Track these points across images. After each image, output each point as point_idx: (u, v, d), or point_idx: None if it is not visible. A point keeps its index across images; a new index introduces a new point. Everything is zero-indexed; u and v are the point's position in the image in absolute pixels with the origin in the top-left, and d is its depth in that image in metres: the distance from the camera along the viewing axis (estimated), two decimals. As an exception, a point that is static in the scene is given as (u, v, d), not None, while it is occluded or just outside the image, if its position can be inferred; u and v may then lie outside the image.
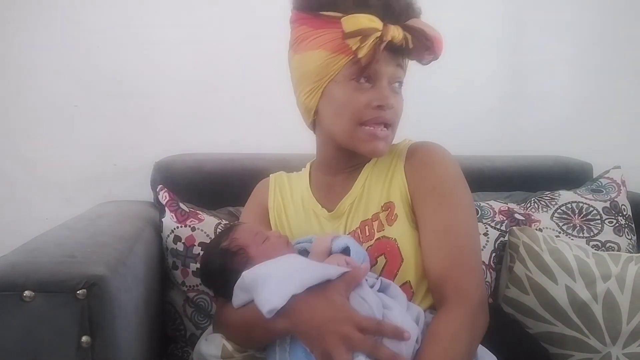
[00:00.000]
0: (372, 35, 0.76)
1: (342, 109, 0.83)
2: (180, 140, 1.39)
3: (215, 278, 0.86)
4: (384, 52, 0.79)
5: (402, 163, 0.90)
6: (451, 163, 0.88)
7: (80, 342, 0.68)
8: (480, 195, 1.31)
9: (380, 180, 0.90)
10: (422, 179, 0.86)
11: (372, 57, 0.77)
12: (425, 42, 0.79)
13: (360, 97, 0.82)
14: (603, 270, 1.04)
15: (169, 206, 1.14)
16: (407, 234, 0.84)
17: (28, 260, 0.73)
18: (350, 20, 0.76)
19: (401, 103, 0.87)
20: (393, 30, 0.77)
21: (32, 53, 1.32)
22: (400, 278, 0.83)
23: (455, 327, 0.73)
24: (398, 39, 0.78)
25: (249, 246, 0.83)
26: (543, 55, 1.63)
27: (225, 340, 0.82)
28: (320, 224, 0.94)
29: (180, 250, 1.10)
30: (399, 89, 0.86)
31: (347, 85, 0.82)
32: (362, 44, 0.76)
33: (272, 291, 0.69)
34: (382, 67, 0.81)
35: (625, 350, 0.98)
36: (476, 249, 0.84)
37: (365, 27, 0.76)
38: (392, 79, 0.84)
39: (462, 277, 0.78)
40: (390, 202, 0.88)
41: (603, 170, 1.40)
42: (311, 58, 0.83)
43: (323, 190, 0.96)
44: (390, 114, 0.84)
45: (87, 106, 1.36)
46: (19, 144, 1.35)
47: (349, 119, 0.83)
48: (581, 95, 1.67)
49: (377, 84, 0.82)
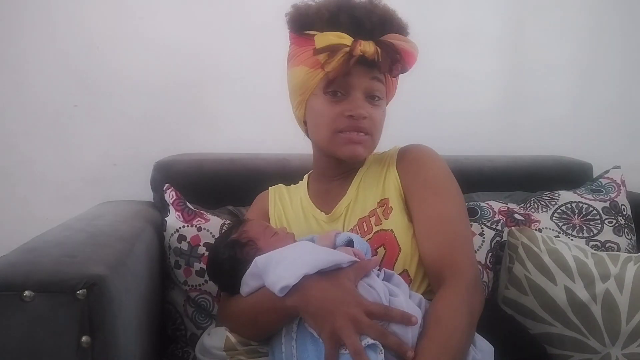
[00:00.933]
0: (340, 50, 0.83)
1: (319, 119, 0.91)
2: (180, 140, 1.39)
3: (223, 269, 0.87)
4: (358, 66, 0.85)
5: (394, 164, 0.96)
6: (439, 160, 0.95)
7: (80, 342, 0.68)
8: (480, 195, 1.31)
9: (374, 182, 0.96)
10: (414, 174, 0.92)
11: (340, 71, 0.84)
12: (394, 54, 0.84)
13: (334, 108, 0.89)
14: (602, 270, 1.04)
15: (175, 205, 1.14)
16: (402, 225, 0.89)
17: (28, 260, 0.73)
18: (321, 38, 0.84)
19: (380, 115, 0.93)
20: (364, 45, 0.83)
21: (32, 53, 1.32)
22: (399, 267, 0.87)
23: (455, 303, 0.76)
24: (369, 54, 0.84)
25: (258, 239, 0.87)
26: (543, 55, 1.63)
27: (229, 332, 0.83)
28: (320, 226, 0.98)
29: (185, 249, 1.10)
30: (378, 102, 0.91)
31: (323, 98, 0.90)
32: (330, 59, 0.84)
33: (285, 269, 0.72)
34: (355, 80, 0.88)
35: (625, 350, 0.98)
36: (467, 234, 0.90)
37: (333, 43, 0.83)
38: (367, 91, 0.89)
39: (457, 257, 0.82)
40: (385, 198, 0.93)
41: (603, 170, 1.40)
42: (296, 73, 0.91)
43: (320, 196, 1.02)
44: (365, 124, 0.89)
45: (87, 106, 1.36)
46: (19, 143, 1.35)
47: (326, 128, 0.90)
48: (581, 95, 1.67)
49: (351, 96, 0.88)
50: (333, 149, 0.92)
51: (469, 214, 1.22)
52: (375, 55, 0.84)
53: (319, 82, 0.88)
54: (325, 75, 0.86)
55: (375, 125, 0.91)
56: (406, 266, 0.87)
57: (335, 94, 0.89)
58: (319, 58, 0.84)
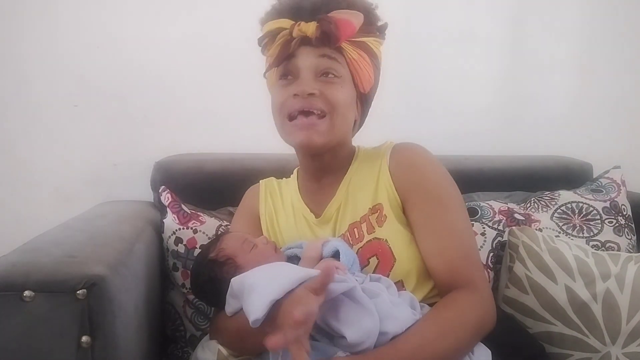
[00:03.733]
0: (280, 34, 0.84)
1: (274, 107, 0.89)
2: (180, 140, 1.39)
3: (205, 289, 0.87)
4: (304, 47, 0.84)
5: (386, 165, 0.90)
6: (437, 164, 0.90)
7: (80, 342, 0.68)
8: (480, 195, 1.31)
9: (365, 184, 0.91)
10: (414, 184, 0.87)
11: (281, 54, 0.84)
12: (327, 25, 0.82)
13: (283, 91, 0.87)
14: (602, 269, 1.04)
15: (171, 208, 1.14)
16: (397, 234, 0.85)
17: (28, 260, 0.73)
18: (264, 28, 0.87)
19: (339, 92, 0.86)
20: (303, 26, 0.83)
21: (32, 53, 1.32)
22: (394, 277, 0.83)
23: (464, 305, 0.76)
24: (310, 32, 0.82)
25: (236, 255, 0.85)
26: (543, 55, 1.63)
27: (221, 345, 0.83)
28: (310, 229, 0.95)
29: (182, 252, 1.10)
30: (333, 79, 0.86)
31: (277, 85, 0.89)
32: (270, 45, 0.86)
33: (254, 301, 0.69)
34: (300, 60, 0.85)
35: (625, 349, 0.98)
36: (475, 243, 0.89)
37: (271, 28, 0.85)
38: (317, 69, 0.85)
39: (471, 273, 0.80)
40: (378, 204, 0.88)
41: (603, 170, 1.40)
42: (268, 76, 0.92)
43: (310, 196, 0.98)
44: (316, 102, 0.84)
45: (87, 106, 1.36)
46: (19, 144, 1.35)
47: (278, 114, 0.88)
48: (581, 96, 1.67)
49: (300, 77, 0.86)
50: (289, 139, 0.88)
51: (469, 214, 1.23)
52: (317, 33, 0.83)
53: (272, 72, 0.89)
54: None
55: (332, 103, 0.84)
56: (402, 277, 0.84)
57: (285, 77, 0.87)
58: (261, 45, 0.86)
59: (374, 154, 0.94)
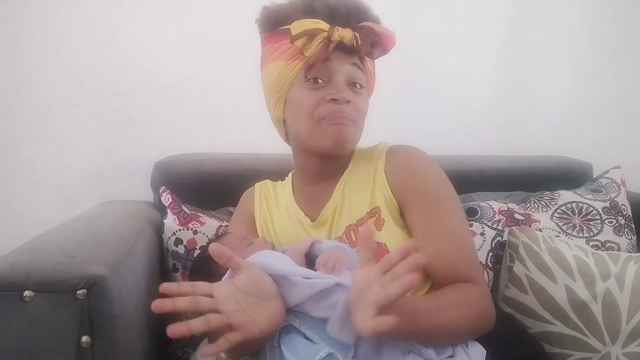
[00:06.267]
0: (318, 35, 0.82)
1: (300, 108, 0.86)
2: (180, 140, 1.39)
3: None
4: (337, 52, 0.84)
5: (382, 166, 0.90)
6: (434, 166, 0.90)
7: (80, 342, 0.68)
8: (480, 195, 1.31)
9: (361, 186, 0.91)
10: (411, 185, 0.86)
11: (320, 55, 0.82)
12: (373, 37, 0.83)
13: (316, 94, 0.85)
14: (602, 269, 1.04)
15: (171, 208, 1.14)
16: (396, 238, 0.85)
17: (28, 260, 0.73)
18: (297, 25, 0.83)
19: (363, 103, 0.89)
20: (341, 31, 0.82)
21: (32, 53, 1.32)
22: None
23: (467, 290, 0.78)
24: (347, 39, 0.83)
25: (233, 251, 0.84)
26: (543, 55, 1.63)
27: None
28: (306, 232, 0.94)
29: (182, 253, 1.10)
30: (360, 90, 0.88)
31: (303, 86, 0.86)
32: (309, 44, 0.82)
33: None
34: (336, 65, 0.85)
35: (625, 349, 0.98)
36: (474, 245, 0.89)
37: (310, 28, 0.82)
38: (349, 77, 0.86)
39: (473, 275, 0.82)
40: (376, 207, 0.88)
41: (603, 170, 1.40)
42: (271, 70, 0.89)
43: (305, 199, 0.98)
44: (350, 110, 0.85)
45: (87, 106, 1.36)
46: (19, 144, 1.35)
47: (307, 116, 0.85)
48: (581, 95, 1.67)
49: (332, 82, 0.85)
50: (316, 140, 0.86)
51: (469, 214, 1.23)
52: (354, 41, 0.83)
53: (298, 72, 0.86)
54: (305, 62, 0.84)
55: (359, 113, 0.87)
56: None
57: (316, 80, 0.85)
58: (297, 44, 0.82)
59: (368, 156, 0.94)
